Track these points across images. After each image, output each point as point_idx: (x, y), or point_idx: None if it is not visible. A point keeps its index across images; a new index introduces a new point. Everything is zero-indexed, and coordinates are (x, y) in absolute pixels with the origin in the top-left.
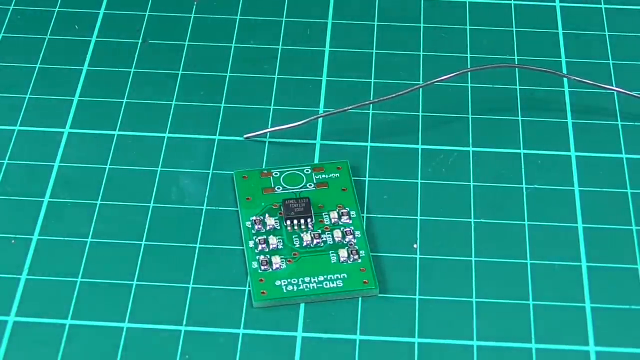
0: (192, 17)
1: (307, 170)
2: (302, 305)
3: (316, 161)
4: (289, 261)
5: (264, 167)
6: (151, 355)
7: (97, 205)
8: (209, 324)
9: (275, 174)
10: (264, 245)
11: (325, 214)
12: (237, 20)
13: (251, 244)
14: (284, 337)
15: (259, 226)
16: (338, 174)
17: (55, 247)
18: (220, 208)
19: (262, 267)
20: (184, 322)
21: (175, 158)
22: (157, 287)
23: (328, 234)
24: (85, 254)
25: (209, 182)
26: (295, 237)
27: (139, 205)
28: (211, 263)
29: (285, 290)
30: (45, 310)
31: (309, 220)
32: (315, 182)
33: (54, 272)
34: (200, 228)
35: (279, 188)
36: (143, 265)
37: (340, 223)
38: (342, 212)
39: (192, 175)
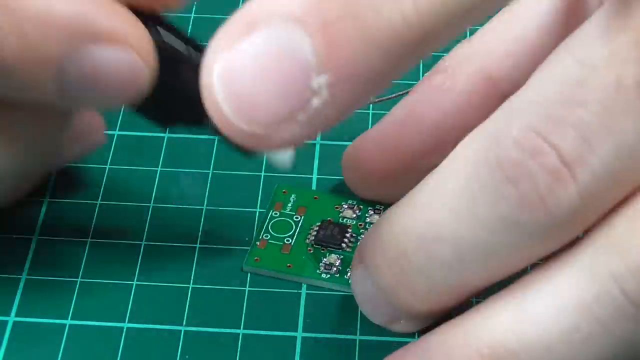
0: (192, 17)
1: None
2: (302, 306)
3: (316, 161)
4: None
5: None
6: (151, 355)
7: (97, 205)
8: (209, 324)
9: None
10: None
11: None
12: None
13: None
14: (284, 337)
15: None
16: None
17: (55, 247)
18: (220, 208)
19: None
20: (184, 322)
21: (175, 158)
22: (157, 287)
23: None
24: (85, 254)
25: (209, 182)
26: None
27: (139, 205)
28: (211, 263)
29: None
30: (45, 310)
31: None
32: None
33: (54, 272)
34: (200, 228)
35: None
36: (143, 265)
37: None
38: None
39: (192, 175)
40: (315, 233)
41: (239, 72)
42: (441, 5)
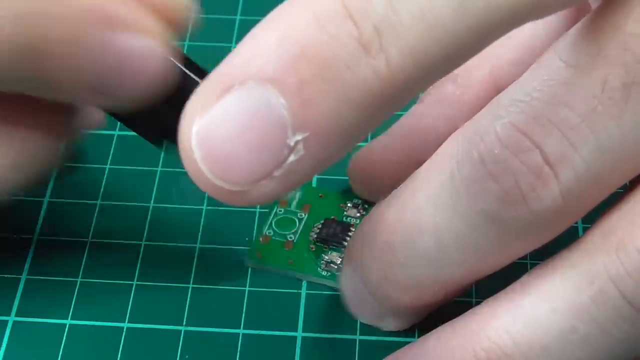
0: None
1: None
2: (302, 305)
3: None
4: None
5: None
6: (151, 355)
7: (97, 206)
8: (209, 324)
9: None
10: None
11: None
12: (237, 21)
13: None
14: (284, 337)
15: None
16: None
17: (55, 247)
18: (220, 208)
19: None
20: (184, 322)
21: (175, 158)
22: (157, 287)
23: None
24: (85, 254)
25: None
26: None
27: (139, 205)
28: (211, 263)
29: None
30: (45, 310)
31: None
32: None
33: (54, 272)
34: (200, 228)
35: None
36: (143, 265)
37: None
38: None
39: None
40: (317, 231)
41: (215, 132)
42: (412, 61)
